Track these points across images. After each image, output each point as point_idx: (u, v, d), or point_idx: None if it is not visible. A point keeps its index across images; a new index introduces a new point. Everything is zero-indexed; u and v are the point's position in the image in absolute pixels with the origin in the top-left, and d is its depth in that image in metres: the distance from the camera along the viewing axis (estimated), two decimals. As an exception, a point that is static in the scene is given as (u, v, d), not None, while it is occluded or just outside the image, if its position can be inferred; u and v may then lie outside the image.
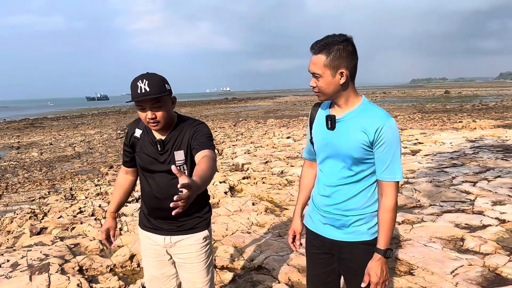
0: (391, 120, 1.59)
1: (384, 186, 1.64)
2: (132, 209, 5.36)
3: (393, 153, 1.60)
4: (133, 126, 2.05)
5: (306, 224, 1.92)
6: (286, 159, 8.67)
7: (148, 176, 1.98)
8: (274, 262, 3.50)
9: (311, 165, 1.96)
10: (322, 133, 1.72)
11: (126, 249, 3.85)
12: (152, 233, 2.05)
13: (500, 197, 5.20)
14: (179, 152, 1.92)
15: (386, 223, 1.63)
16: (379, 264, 1.64)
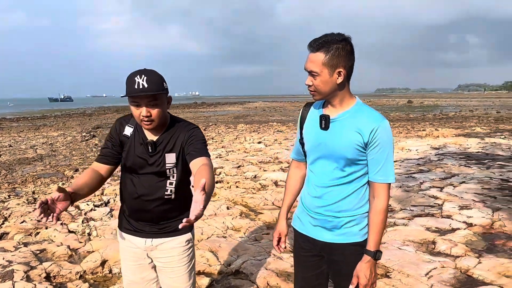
0: (386, 122, 1.60)
1: (377, 188, 1.64)
2: (101, 213, 5.15)
3: (387, 155, 1.60)
4: (122, 123, 1.92)
5: (294, 226, 1.89)
6: (259, 164, 8.66)
7: (132, 176, 1.89)
8: (252, 267, 3.45)
9: (298, 166, 1.94)
10: (314, 133, 1.70)
11: (97, 254, 3.68)
12: (132, 235, 1.96)
13: (466, 202, 5.40)
14: (170, 154, 1.85)
15: (377, 224, 1.63)
16: (368, 266, 1.63)
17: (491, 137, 13.07)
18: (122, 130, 1.89)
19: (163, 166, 1.85)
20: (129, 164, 1.88)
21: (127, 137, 1.88)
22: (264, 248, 3.87)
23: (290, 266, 3.47)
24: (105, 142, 1.92)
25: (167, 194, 1.88)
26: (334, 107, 1.67)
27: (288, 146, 11.33)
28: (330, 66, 1.55)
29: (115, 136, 1.90)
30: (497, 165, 8.19)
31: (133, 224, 1.96)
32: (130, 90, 1.71)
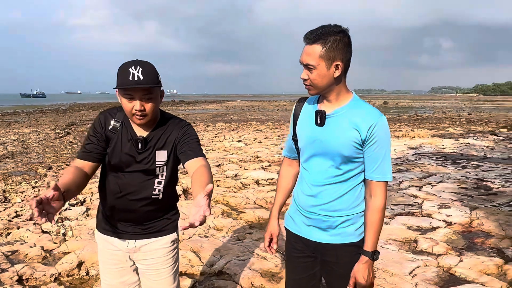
0: (384, 118, 1.55)
1: (374, 186, 1.59)
2: (76, 213, 4.96)
3: (385, 153, 1.56)
4: (107, 117, 1.76)
5: (287, 226, 1.83)
6: (239, 162, 8.58)
7: (117, 174, 1.77)
8: (236, 267, 3.37)
9: (290, 164, 1.87)
10: (309, 130, 1.64)
11: (73, 255, 3.52)
12: (113, 237, 1.84)
13: (445, 201, 5.49)
14: (162, 152, 1.75)
15: (374, 224, 1.59)
16: (366, 267, 1.58)
17: (465, 138, 13.43)
18: (108, 124, 1.74)
19: (152, 164, 1.75)
20: (115, 161, 1.75)
21: (114, 132, 1.74)
22: (248, 248, 3.80)
23: (274, 266, 3.42)
24: (88, 137, 1.76)
25: (154, 193, 1.78)
26: (330, 102, 1.60)
27: (268, 145, 11.30)
28: (327, 59, 1.49)
29: (100, 131, 1.74)
30: (472, 165, 8.39)
31: (114, 224, 1.84)
32: (123, 82, 1.59)
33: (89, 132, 1.77)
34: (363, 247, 1.62)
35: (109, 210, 1.83)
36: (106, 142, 1.74)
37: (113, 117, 1.75)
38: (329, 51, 1.48)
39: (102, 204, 1.88)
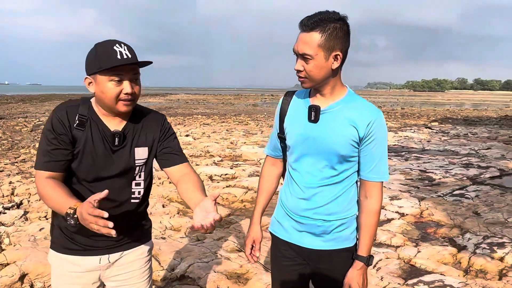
0: (382, 114, 1.46)
1: (370, 187, 1.50)
2: (12, 217, 4.47)
3: (382, 151, 1.47)
4: (70, 112, 1.44)
5: (274, 232, 1.68)
6: (190, 158, 8.29)
7: (90, 181, 1.49)
8: (199, 270, 3.20)
9: (274, 163, 1.73)
10: (300, 126, 1.50)
11: (14, 267, 3.12)
12: (81, 255, 1.56)
13: (394, 192, 5.69)
14: (142, 149, 1.53)
15: (370, 227, 1.50)
16: (361, 273, 1.50)
17: (403, 131, 14.17)
18: (72, 120, 1.44)
19: (131, 164, 1.51)
20: (87, 165, 1.46)
21: (81, 129, 1.44)
22: (209, 248, 3.63)
23: (239, 267, 3.29)
24: (50, 141, 1.42)
25: (134, 197, 1.56)
26: (324, 97, 1.48)
27: (218, 140, 11.09)
28: (326, 48, 1.35)
29: (63, 131, 1.42)
30: (413, 157, 8.85)
31: (81, 241, 1.54)
32: (112, 61, 1.35)
33: (47, 135, 1.43)
34: (356, 251, 1.53)
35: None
36: (73, 143, 1.45)
37: (77, 112, 1.46)
38: (328, 40, 1.35)
39: (61, 220, 1.54)
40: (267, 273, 3.19)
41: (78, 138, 1.44)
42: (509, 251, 3.59)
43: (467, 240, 3.92)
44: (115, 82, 1.39)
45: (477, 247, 3.71)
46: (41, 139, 1.45)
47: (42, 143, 1.45)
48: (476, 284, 3.00)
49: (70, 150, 1.44)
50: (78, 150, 1.45)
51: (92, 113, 1.48)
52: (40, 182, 1.42)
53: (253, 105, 34.59)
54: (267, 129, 14.53)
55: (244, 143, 10.55)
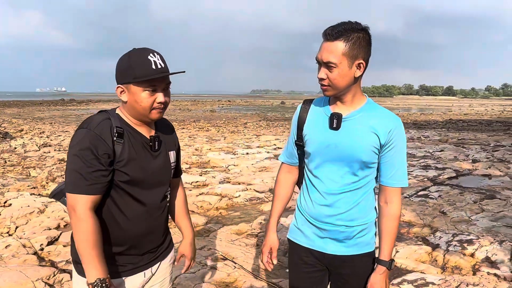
0: (401, 122, 1.52)
1: (390, 193, 1.54)
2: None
3: (402, 158, 1.52)
4: (105, 127, 1.36)
5: (293, 239, 1.68)
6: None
7: (133, 192, 1.42)
8: (187, 281, 3.12)
9: (290, 171, 1.74)
10: (322, 134, 1.53)
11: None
12: (128, 276, 1.48)
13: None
14: (172, 152, 1.59)
15: (391, 232, 1.54)
16: (384, 278, 1.54)
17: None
18: (110, 134, 1.36)
19: (169, 167, 1.56)
20: (135, 175, 1.40)
21: (120, 142, 1.38)
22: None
23: (227, 276, 3.25)
24: (89, 162, 1.32)
25: (167, 200, 1.60)
26: (344, 104, 1.51)
27: (182, 147, 10.90)
28: (350, 57, 1.39)
29: (105, 148, 1.34)
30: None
31: (125, 261, 1.47)
32: (148, 73, 1.34)
33: (84, 156, 1.32)
34: (378, 256, 1.57)
35: (122, 244, 1.45)
36: (112, 160, 1.37)
37: (111, 125, 1.38)
38: (352, 49, 1.38)
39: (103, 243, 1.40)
40: (256, 281, 3.17)
41: (120, 151, 1.38)
42: (478, 247, 3.82)
43: (439, 238, 4.13)
44: (149, 92, 1.38)
45: (449, 245, 3.92)
46: (75, 160, 1.33)
47: (77, 164, 1.32)
48: (454, 280, 3.16)
49: (109, 170, 1.37)
50: (123, 162, 1.38)
51: (125, 124, 1.44)
52: (83, 212, 1.32)
53: (211, 110, 34.40)
54: (229, 135, 14.52)
55: (209, 149, 10.46)
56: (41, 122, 19.70)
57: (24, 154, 9.52)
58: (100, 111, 1.46)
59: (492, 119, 25.06)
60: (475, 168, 7.96)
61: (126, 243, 1.46)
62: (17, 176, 7.35)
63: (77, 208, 1.32)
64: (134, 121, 1.46)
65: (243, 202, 5.67)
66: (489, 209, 5.19)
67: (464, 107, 51.66)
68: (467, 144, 11.91)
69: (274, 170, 7.86)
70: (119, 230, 1.43)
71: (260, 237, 4.13)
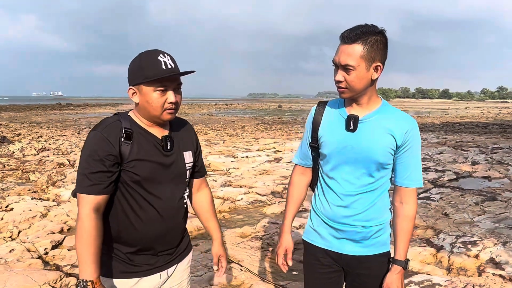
0: (416, 123, 1.53)
1: (406, 193, 1.56)
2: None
3: (417, 159, 1.54)
4: (113, 128, 1.39)
5: (309, 240, 1.69)
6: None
7: (148, 192, 1.43)
8: (194, 284, 3.12)
9: (304, 172, 1.74)
10: (338, 136, 1.54)
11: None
12: (143, 276, 1.49)
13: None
14: (188, 153, 1.57)
15: (407, 232, 1.56)
16: (399, 277, 1.55)
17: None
18: (118, 135, 1.38)
19: (183, 167, 1.54)
20: (145, 175, 1.41)
21: (128, 143, 1.39)
22: (199, 261, 3.55)
23: (234, 278, 3.25)
24: (93, 163, 1.34)
25: (185, 202, 1.58)
26: (361, 107, 1.52)
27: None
28: (367, 59, 1.40)
29: (110, 150, 1.36)
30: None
31: (141, 261, 1.48)
32: (158, 73, 1.35)
33: (90, 157, 1.35)
34: (393, 256, 1.58)
35: (136, 244, 1.46)
36: (119, 162, 1.39)
37: (121, 126, 1.40)
38: (370, 51, 1.40)
39: (115, 244, 1.46)
40: (263, 283, 3.18)
41: (128, 152, 1.39)
42: (482, 248, 3.84)
43: (442, 240, 4.14)
44: (160, 92, 1.39)
45: (453, 246, 3.94)
46: (82, 161, 1.37)
47: (83, 165, 1.37)
48: (460, 281, 3.18)
49: (113, 172, 1.38)
50: (132, 162, 1.40)
51: (135, 125, 1.45)
52: (85, 212, 1.34)
53: (208, 114, 34.41)
54: (228, 139, 14.52)
55: (209, 153, 10.46)
56: (39, 126, 19.63)
57: (22, 159, 9.48)
58: (115, 114, 1.48)
59: (489, 122, 25.24)
60: (474, 170, 8.00)
61: (141, 243, 1.47)
62: (16, 180, 7.32)
63: (79, 208, 1.36)
64: (146, 122, 1.46)
65: (246, 205, 5.68)
66: (491, 210, 5.22)
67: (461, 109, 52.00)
68: (465, 147, 11.98)
69: (274, 173, 7.87)
70: (133, 230, 1.44)
71: (265, 240, 4.13)
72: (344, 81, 1.45)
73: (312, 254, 1.68)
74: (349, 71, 1.42)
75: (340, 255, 1.61)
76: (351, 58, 1.40)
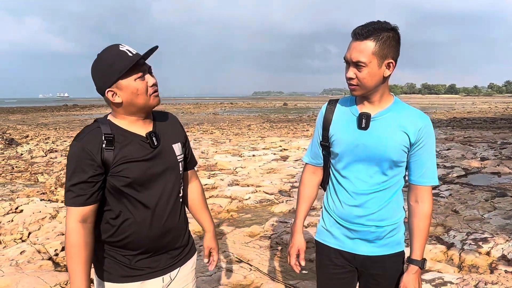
0: (430, 120, 1.51)
1: (421, 191, 1.52)
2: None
3: (431, 156, 1.51)
4: (93, 137, 1.35)
5: (322, 241, 1.67)
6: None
7: (141, 192, 1.40)
8: (204, 284, 3.12)
9: (314, 172, 1.72)
10: (350, 134, 1.51)
11: (4, 296, 2.89)
12: (144, 280, 1.46)
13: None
14: (177, 144, 1.53)
15: (423, 231, 1.52)
16: (416, 277, 1.52)
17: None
18: (99, 144, 1.34)
19: (175, 160, 1.50)
20: (134, 176, 1.37)
21: (111, 149, 1.35)
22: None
23: (243, 278, 3.25)
24: (76, 176, 1.32)
25: (180, 196, 1.54)
26: (372, 104, 1.50)
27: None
28: (380, 56, 1.38)
29: (91, 158, 1.32)
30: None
31: (143, 265, 1.46)
32: (130, 60, 1.33)
33: (73, 168, 1.33)
34: (410, 256, 1.55)
35: (136, 247, 1.44)
36: (104, 170, 1.36)
37: (101, 133, 1.36)
38: (382, 48, 1.37)
39: (114, 248, 1.44)
40: (273, 283, 3.17)
41: (112, 158, 1.36)
42: (493, 245, 3.80)
43: (453, 237, 4.10)
44: (140, 79, 1.37)
45: (464, 244, 3.90)
46: (67, 174, 1.35)
47: (67, 177, 1.35)
48: (472, 279, 3.15)
49: (97, 181, 1.35)
50: (120, 166, 1.36)
51: (115, 128, 1.40)
52: (71, 225, 1.34)
53: (213, 113, 34.45)
54: (234, 138, 14.52)
55: (215, 152, 10.47)
56: (46, 128, 19.77)
57: (31, 160, 9.55)
58: (95, 120, 1.44)
59: (497, 117, 24.98)
60: (483, 166, 7.92)
61: (139, 246, 1.44)
62: (25, 182, 7.38)
63: (66, 220, 1.35)
64: (130, 120, 1.42)
65: (254, 204, 5.67)
66: (501, 207, 5.16)
67: (467, 105, 51.53)
68: (473, 142, 11.87)
69: (281, 171, 7.86)
70: (130, 233, 1.42)
71: (273, 239, 4.12)
72: (355, 78, 1.43)
73: (325, 254, 1.66)
74: (360, 68, 1.40)
75: (354, 255, 1.59)
76: (362, 54, 1.38)
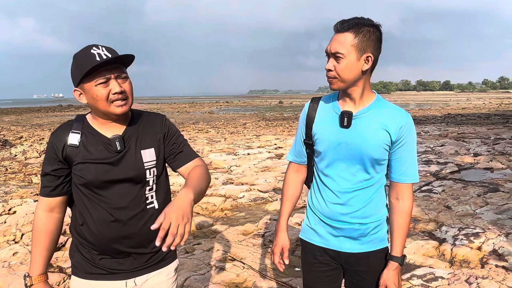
0: (411, 118, 1.52)
1: (402, 189, 1.54)
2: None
3: (412, 154, 1.52)
4: (60, 134, 1.43)
5: (307, 239, 1.68)
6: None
7: (98, 194, 1.41)
8: (197, 283, 3.13)
9: (298, 170, 1.73)
10: (332, 132, 1.52)
11: (-5, 297, 2.89)
12: (105, 280, 1.47)
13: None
14: (148, 150, 1.46)
15: (403, 227, 1.54)
16: (396, 274, 1.54)
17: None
18: (64, 140, 1.40)
19: (140, 167, 1.43)
20: (90, 178, 1.38)
21: (75, 146, 1.40)
22: (202, 260, 3.56)
23: (236, 276, 3.26)
24: (44, 168, 1.44)
25: (148, 202, 1.47)
26: (353, 102, 1.51)
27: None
28: (358, 49, 1.40)
29: (55, 153, 1.40)
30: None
31: (105, 265, 1.46)
32: (92, 64, 1.29)
33: (44, 161, 1.45)
34: (390, 252, 1.57)
35: (96, 245, 1.45)
36: (67, 163, 1.41)
37: (70, 130, 1.42)
38: (361, 41, 1.39)
39: (81, 242, 1.48)
40: (265, 280, 3.18)
41: (74, 155, 1.40)
42: (484, 240, 3.84)
43: (445, 232, 4.14)
44: (102, 84, 1.34)
45: (456, 239, 3.93)
46: (43, 166, 1.47)
47: (42, 169, 1.46)
48: (463, 273, 3.17)
49: (60, 175, 1.44)
50: (79, 165, 1.40)
51: (87, 127, 1.43)
52: (37, 211, 1.47)
53: (209, 112, 34.42)
54: (229, 136, 14.52)
55: (210, 151, 10.47)
56: (40, 128, 19.67)
57: (25, 161, 9.51)
58: (77, 115, 1.49)
59: (491, 112, 25.14)
60: (476, 162, 7.98)
61: (98, 244, 1.45)
62: (19, 183, 7.35)
63: (36, 208, 1.49)
64: (100, 121, 1.43)
65: (248, 202, 5.68)
66: (493, 202, 5.20)
67: (462, 101, 51.80)
68: (467, 138, 11.94)
69: (276, 169, 7.87)
70: (90, 231, 1.44)
71: (267, 237, 4.14)
72: (333, 70, 1.44)
73: (310, 252, 1.67)
74: (339, 59, 1.41)
75: (338, 252, 1.60)
76: (342, 46, 1.40)
